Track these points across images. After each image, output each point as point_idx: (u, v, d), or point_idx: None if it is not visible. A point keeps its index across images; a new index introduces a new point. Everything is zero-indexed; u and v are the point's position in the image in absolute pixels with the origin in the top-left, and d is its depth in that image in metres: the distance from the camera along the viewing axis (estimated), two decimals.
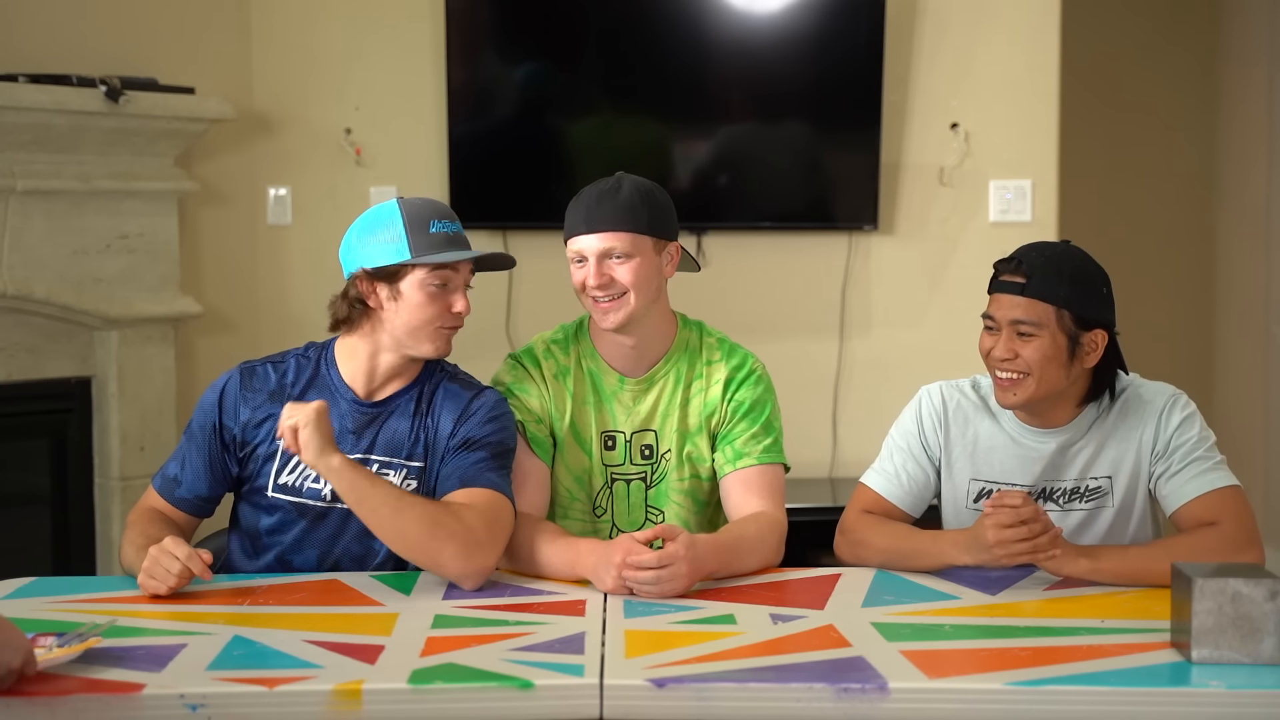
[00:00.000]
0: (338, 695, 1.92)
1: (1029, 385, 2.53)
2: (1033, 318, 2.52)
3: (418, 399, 2.59)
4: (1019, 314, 2.53)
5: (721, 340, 2.75)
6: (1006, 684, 1.97)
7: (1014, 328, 2.53)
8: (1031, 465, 2.61)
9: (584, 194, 2.65)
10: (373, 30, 4.70)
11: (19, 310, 4.12)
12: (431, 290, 2.52)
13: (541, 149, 4.68)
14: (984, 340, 2.59)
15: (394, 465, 2.56)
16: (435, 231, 2.53)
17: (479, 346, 4.58)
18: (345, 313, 2.57)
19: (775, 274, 4.70)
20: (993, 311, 2.57)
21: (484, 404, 2.58)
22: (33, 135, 4.07)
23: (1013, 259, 2.57)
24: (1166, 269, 5.85)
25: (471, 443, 2.53)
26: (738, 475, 2.66)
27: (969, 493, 2.65)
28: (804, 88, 4.59)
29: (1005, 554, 2.40)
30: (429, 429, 2.57)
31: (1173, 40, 5.81)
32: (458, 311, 2.55)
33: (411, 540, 2.39)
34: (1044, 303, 2.52)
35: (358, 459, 2.53)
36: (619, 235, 2.59)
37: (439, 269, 2.52)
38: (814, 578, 2.52)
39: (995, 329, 2.56)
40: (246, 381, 2.59)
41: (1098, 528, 2.62)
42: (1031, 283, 2.52)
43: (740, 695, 1.96)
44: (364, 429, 2.56)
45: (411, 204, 2.56)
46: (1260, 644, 2.02)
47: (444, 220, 2.56)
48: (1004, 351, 2.53)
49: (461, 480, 2.48)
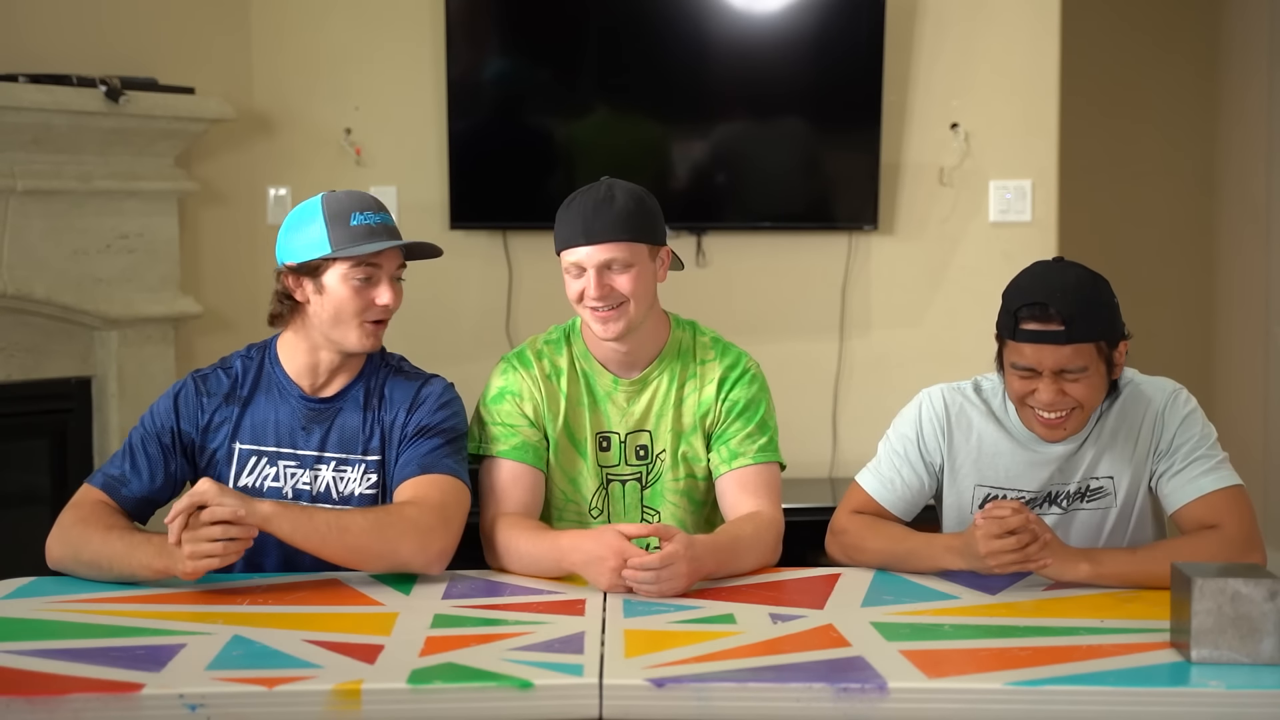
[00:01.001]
0: (337, 695, 1.92)
1: (1078, 416, 2.50)
2: (1080, 363, 2.44)
3: (366, 392, 2.60)
4: (1066, 363, 2.44)
5: (715, 340, 2.75)
6: (1006, 684, 1.97)
7: (1060, 374, 2.45)
8: (1039, 470, 2.59)
9: (576, 204, 2.61)
10: (373, 30, 4.70)
11: (19, 310, 4.11)
12: (355, 284, 2.52)
13: (541, 149, 4.68)
14: (1017, 384, 2.49)
15: (351, 461, 2.58)
16: (357, 224, 2.52)
17: (479, 346, 4.59)
18: (277, 309, 2.59)
19: (775, 274, 4.70)
20: (1031, 362, 2.45)
21: (433, 391, 2.61)
22: (33, 135, 4.06)
23: (1035, 304, 2.43)
24: (1166, 269, 5.84)
25: (426, 430, 2.56)
26: (734, 475, 2.66)
27: (974, 498, 2.63)
28: (804, 88, 4.59)
29: (997, 564, 2.39)
30: (383, 421, 2.59)
31: (1173, 41, 5.80)
32: (383, 304, 2.54)
33: (365, 552, 2.41)
34: (1087, 344, 2.44)
35: (312, 456, 2.56)
36: (618, 246, 2.58)
37: (360, 263, 2.52)
38: (813, 577, 2.52)
39: (1032, 375, 2.47)
40: (201, 386, 2.60)
41: (1102, 528, 2.61)
42: (1073, 328, 2.42)
43: (740, 695, 1.96)
44: (314, 425, 2.58)
45: (334, 197, 2.56)
46: (1260, 644, 2.02)
47: (367, 212, 2.54)
48: (1051, 396, 2.45)
49: (420, 467, 2.52)
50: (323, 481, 2.58)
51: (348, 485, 2.58)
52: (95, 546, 2.43)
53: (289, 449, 2.58)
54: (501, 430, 2.65)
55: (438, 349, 4.71)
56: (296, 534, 2.38)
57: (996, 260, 4.50)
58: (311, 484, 2.57)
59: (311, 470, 2.58)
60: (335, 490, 2.58)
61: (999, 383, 2.63)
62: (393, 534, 2.41)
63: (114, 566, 2.41)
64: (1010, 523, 2.37)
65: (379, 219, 2.55)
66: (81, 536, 2.46)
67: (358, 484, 2.58)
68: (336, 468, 2.57)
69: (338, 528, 2.39)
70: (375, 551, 2.41)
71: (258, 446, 2.58)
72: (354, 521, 2.41)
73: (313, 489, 2.57)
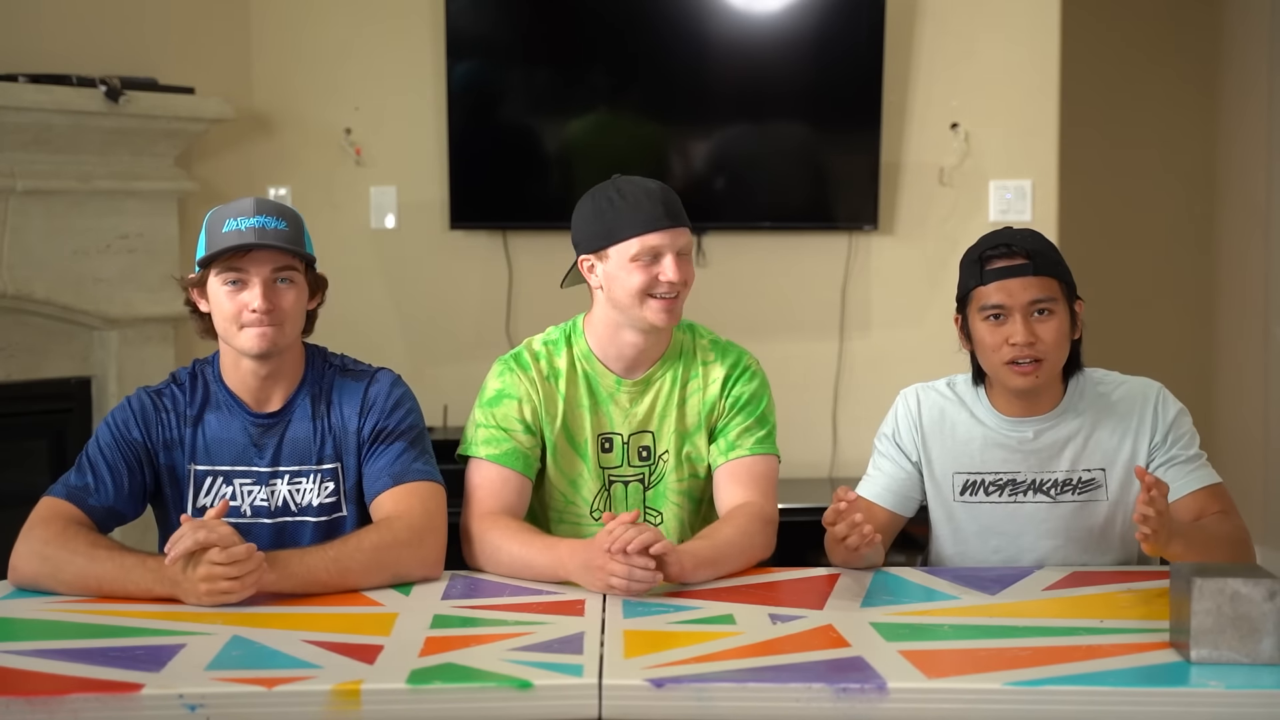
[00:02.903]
0: (337, 695, 1.92)
1: (1046, 368, 2.54)
2: (1049, 294, 2.52)
3: (313, 400, 2.58)
4: (1035, 293, 2.52)
5: (715, 340, 2.75)
6: (1006, 684, 1.97)
7: (1030, 309, 2.52)
8: (1011, 454, 2.62)
9: (636, 191, 2.59)
10: (372, 30, 4.70)
11: (19, 310, 4.12)
12: (226, 289, 2.50)
13: (541, 149, 4.68)
14: (990, 333, 2.54)
15: (305, 472, 2.56)
16: (228, 230, 2.48)
17: (479, 346, 4.59)
18: (199, 324, 2.59)
19: (775, 274, 4.70)
20: (1001, 299, 2.53)
21: (381, 390, 2.59)
22: (33, 135, 4.07)
23: (998, 245, 2.55)
24: (1167, 269, 5.84)
25: (385, 434, 2.55)
26: (729, 466, 2.66)
27: (954, 486, 2.65)
28: (804, 88, 4.59)
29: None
30: (334, 428, 2.57)
31: (1173, 41, 5.80)
32: (254, 310, 2.48)
33: (371, 578, 2.41)
34: (1052, 278, 2.53)
35: (267, 472, 2.55)
36: (685, 232, 2.61)
37: (226, 267, 2.49)
38: (813, 578, 2.52)
39: (1004, 316, 2.53)
40: (157, 402, 2.57)
41: (1093, 520, 2.62)
42: (1036, 261, 2.52)
43: (739, 695, 1.96)
44: (265, 440, 2.55)
45: (220, 206, 2.54)
46: (1259, 644, 2.02)
47: (241, 217, 2.48)
48: (1026, 336, 2.50)
49: (393, 478, 2.52)
50: (279, 496, 2.56)
51: (304, 496, 2.56)
52: (79, 566, 2.36)
53: (243, 466, 2.56)
54: (495, 434, 2.64)
55: (438, 349, 4.73)
56: (300, 588, 2.36)
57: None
58: (269, 499, 2.55)
59: (267, 486, 2.55)
60: (293, 502, 2.56)
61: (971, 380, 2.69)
62: (391, 558, 2.42)
63: (103, 588, 2.35)
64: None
65: (252, 222, 2.47)
66: (61, 555, 2.38)
67: (315, 494, 2.57)
68: (291, 480, 2.56)
69: (339, 572, 2.38)
70: (380, 580, 2.42)
71: (212, 466, 2.55)
72: (353, 560, 2.39)
73: (270, 504, 2.55)
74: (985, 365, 2.60)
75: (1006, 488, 2.63)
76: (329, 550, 2.40)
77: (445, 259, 4.70)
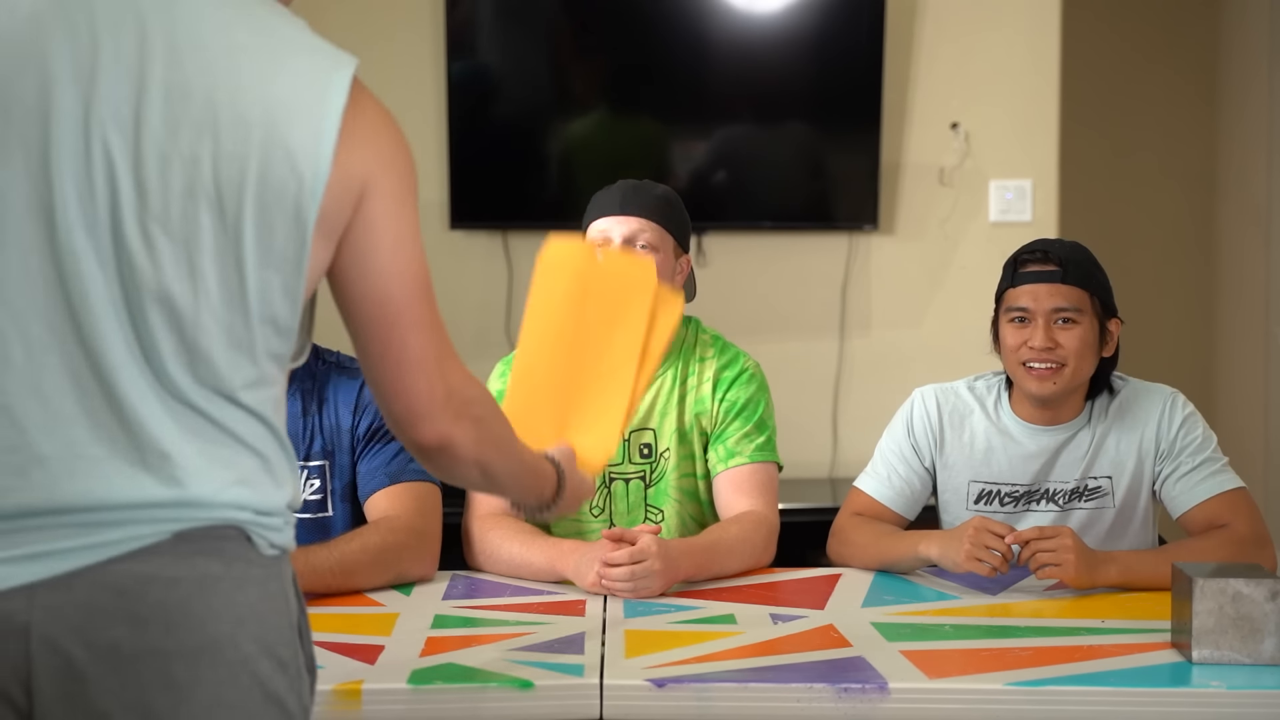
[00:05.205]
0: (337, 695, 1.92)
1: (1065, 375, 2.54)
2: (1074, 304, 2.53)
3: (304, 396, 2.57)
4: (1060, 301, 2.53)
5: (715, 338, 2.75)
6: (1007, 684, 1.97)
7: (1053, 316, 2.53)
8: (1030, 463, 2.61)
9: (614, 186, 2.67)
10: (372, 30, 4.70)
11: None
12: None
13: (542, 149, 4.67)
14: (1012, 335, 2.56)
15: None
16: None
17: (479, 346, 4.59)
18: None
19: (775, 274, 4.70)
20: (1026, 303, 2.55)
21: None
22: None
23: (1035, 250, 2.58)
24: (1167, 269, 5.84)
25: (381, 433, 2.55)
26: (729, 474, 2.65)
27: (969, 494, 2.64)
28: (804, 88, 4.59)
29: (971, 567, 2.40)
30: (324, 425, 2.56)
31: (1173, 40, 5.80)
32: None
33: (374, 579, 2.42)
34: (1081, 289, 2.54)
35: None
36: (648, 224, 2.61)
37: None
38: (814, 578, 2.53)
39: (1028, 320, 2.55)
40: None
41: (1099, 528, 2.61)
42: (1067, 270, 2.54)
43: (740, 695, 1.96)
44: None
45: None
46: (1261, 644, 2.02)
47: None
48: (1044, 341, 2.52)
49: (389, 476, 2.52)
50: None
51: None
52: None
53: None
54: None
55: None
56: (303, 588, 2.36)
57: (997, 260, 4.42)
58: None
59: None
60: None
61: (992, 381, 2.68)
62: (392, 558, 2.43)
63: None
64: (995, 543, 2.39)
65: None
66: None
67: (301, 492, 2.56)
68: None
69: (343, 572, 2.38)
70: (382, 580, 2.43)
71: None
72: (355, 560, 2.39)
73: None
74: (1006, 366, 2.61)
75: (1021, 499, 2.62)
76: (332, 551, 2.40)
77: (445, 259, 4.69)
